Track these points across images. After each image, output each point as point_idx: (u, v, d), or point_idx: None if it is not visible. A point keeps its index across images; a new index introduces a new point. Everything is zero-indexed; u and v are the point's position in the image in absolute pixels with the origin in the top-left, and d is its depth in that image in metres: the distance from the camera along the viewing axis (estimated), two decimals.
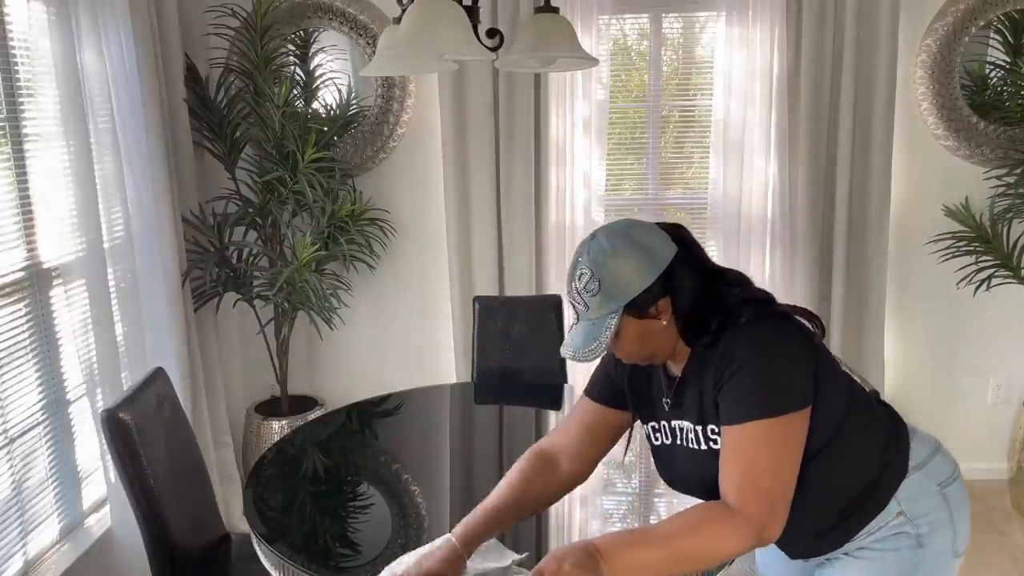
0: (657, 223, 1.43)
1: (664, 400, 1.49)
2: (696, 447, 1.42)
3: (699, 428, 1.41)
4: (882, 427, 1.45)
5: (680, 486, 1.52)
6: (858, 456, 1.41)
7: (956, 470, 1.48)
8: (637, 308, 1.35)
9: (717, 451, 1.36)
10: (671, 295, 1.36)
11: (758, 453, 1.29)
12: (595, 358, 1.37)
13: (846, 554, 1.46)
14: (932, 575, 1.43)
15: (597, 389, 1.59)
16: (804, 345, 1.36)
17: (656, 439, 1.53)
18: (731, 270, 1.45)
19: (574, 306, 1.41)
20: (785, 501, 1.30)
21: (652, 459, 1.57)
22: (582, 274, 1.38)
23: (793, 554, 1.52)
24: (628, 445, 1.64)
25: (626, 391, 1.55)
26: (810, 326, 1.40)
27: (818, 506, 1.40)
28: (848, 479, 1.40)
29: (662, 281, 1.35)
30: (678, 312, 1.37)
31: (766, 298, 1.40)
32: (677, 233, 1.42)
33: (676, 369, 1.46)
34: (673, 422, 1.48)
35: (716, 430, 1.37)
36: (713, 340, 1.36)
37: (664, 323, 1.37)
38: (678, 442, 1.47)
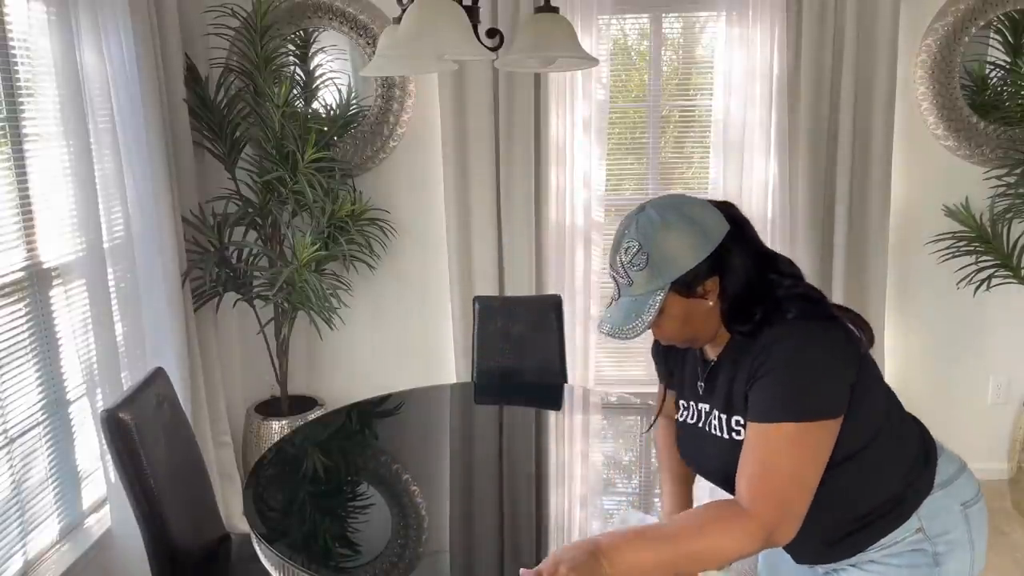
0: (708, 200, 1.37)
1: (698, 383, 1.46)
2: (719, 435, 1.39)
3: (724, 416, 1.38)
4: (913, 443, 1.42)
5: (699, 468, 1.50)
6: (884, 468, 1.37)
7: (979, 491, 1.44)
8: (685, 286, 1.30)
9: (739, 442, 1.33)
10: (720, 275, 1.31)
11: (779, 456, 1.25)
12: (635, 336, 1.32)
13: (853, 565, 1.42)
14: None
15: (662, 375, 1.64)
16: (848, 353, 1.30)
17: (682, 416, 1.52)
18: (784, 257, 1.39)
19: (616, 280, 1.37)
20: (802, 506, 1.26)
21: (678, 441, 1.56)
22: (629, 247, 1.33)
23: (800, 558, 1.49)
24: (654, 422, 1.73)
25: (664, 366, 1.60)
26: (858, 333, 1.33)
27: (835, 514, 1.37)
28: (871, 490, 1.37)
29: (713, 259, 1.30)
30: (725, 294, 1.32)
31: (818, 297, 1.34)
32: (729, 211, 1.36)
33: (712, 353, 1.43)
34: (701, 404, 1.45)
35: (741, 421, 1.34)
36: (754, 330, 1.31)
37: (710, 304, 1.32)
38: (701, 425, 1.44)
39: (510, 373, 2.90)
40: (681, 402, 1.53)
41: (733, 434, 1.36)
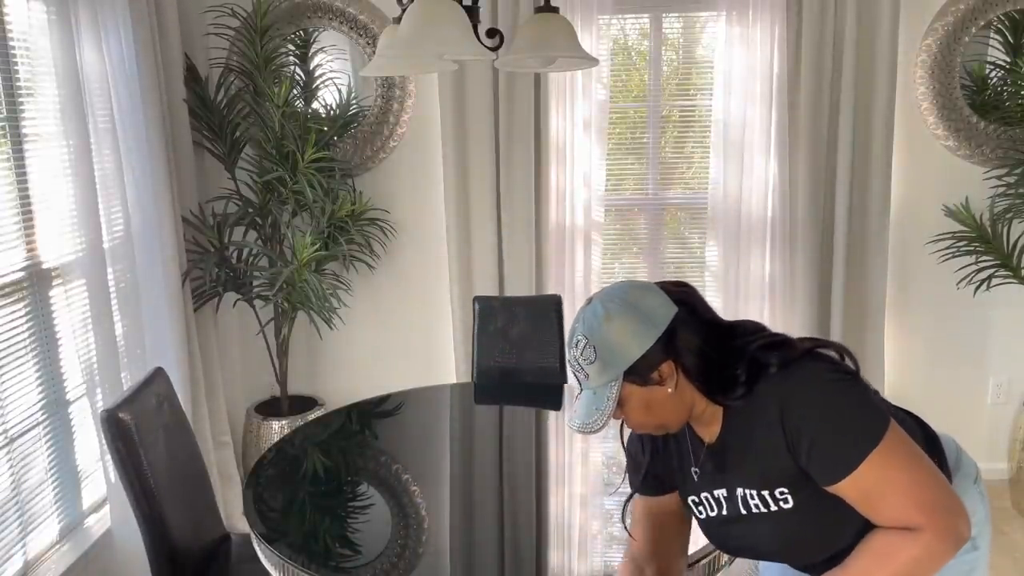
0: (659, 282, 1.35)
1: (693, 470, 1.41)
2: (767, 510, 1.32)
3: (764, 492, 1.31)
4: (917, 437, 1.37)
5: (756, 553, 1.42)
6: None
7: (975, 463, 1.47)
8: (637, 375, 1.28)
9: (787, 510, 1.29)
10: (675, 358, 1.29)
11: (888, 481, 1.21)
12: (600, 429, 1.29)
13: None
14: (983, 574, 1.42)
15: (639, 482, 1.50)
16: (842, 368, 1.28)
17: (701, 513, 1.43)
18: (744, 321, 1.36)
19: (576, 375, 1.34)
20: (951, 494, 1.23)
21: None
22: (578, 341, 1.31)
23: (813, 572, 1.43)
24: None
25: (660, 472, 1.47)
26: (836, 357, 1.31)
27: (858, 527, 1.30)
28: None
29: (663, 344, 1.27)
30: (689, 374, 1.29)
31: (783, 340, 1.31)
32: (680, 291, 1.34)
33: (708, 434, 1.37)
34: (716, 491, 1.38)
35: (785, 491, 1.29)
36: (747, 392, 1.27)
37: (669, 390, 1.29)
38: (735, 511, 1.36)
39: (510, 373, 2.90)
40: (690, 499, 1.44)
41: (781, 503, 1.31)
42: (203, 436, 3.07)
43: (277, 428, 3.39)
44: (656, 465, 1.47)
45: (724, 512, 1.38)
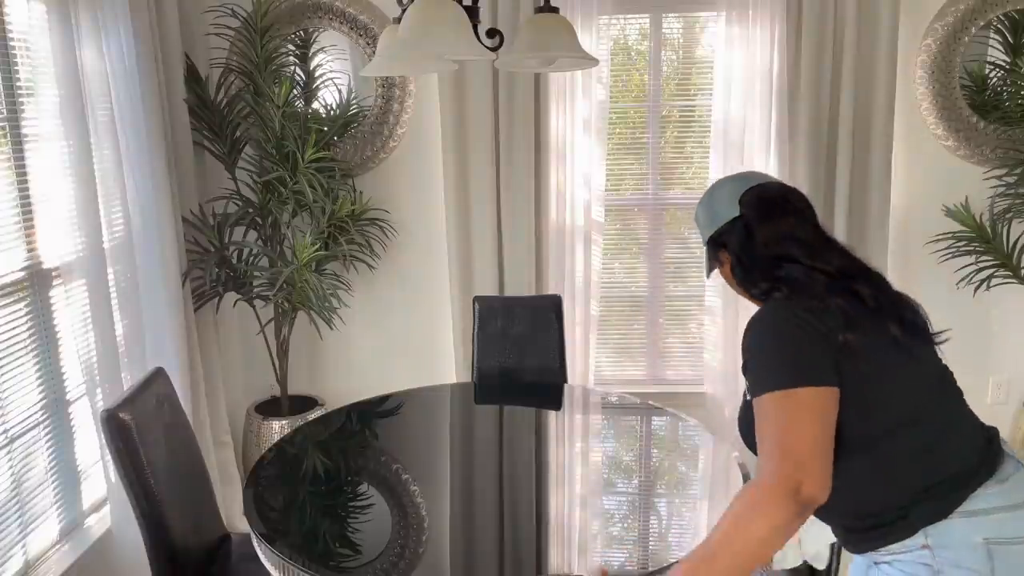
0: (772, 181, 1.56)
1: None
2: (745, 399, 1.50)
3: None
4: (943, 467, 1.34)
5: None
6: (894, 476, 1.34)
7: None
8: (711, 247, 1.58)
9: (747, 402, 1.45)
10: (730, 250, 1.54)
11: (768, 422, 1.33)
12: (705, 274, 1.64)
13: (875, 563, 1.41)
14: None
15: None
16: (805, 331, 1.34)
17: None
18: (819, 248, 1.48)
19: None
20: (816, 458, 1.27)
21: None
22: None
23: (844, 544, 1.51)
24: None
25: None
26: (855, 318, 1.37)
27: (840, 505, 1.36)
28: (873, 492, 1.36)
29: (714, 238, 1.56)
30: (733, 269, 1.55)
31: (806, 282, 1.42)
32: (768, 199, 1.52)
33: None
34: None
35: (747, 386, 1.46)
36: (761, 299, 1.49)
37: (727, 269, 1.57)
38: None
39: (510, 373, 2.90)
40: None
41: (746, 395, 1.47)
42: (203, 436, 3.07)
43: (277, 428, 3.39)
44: None
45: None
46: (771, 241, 1.48)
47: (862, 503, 1.38)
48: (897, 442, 1.34)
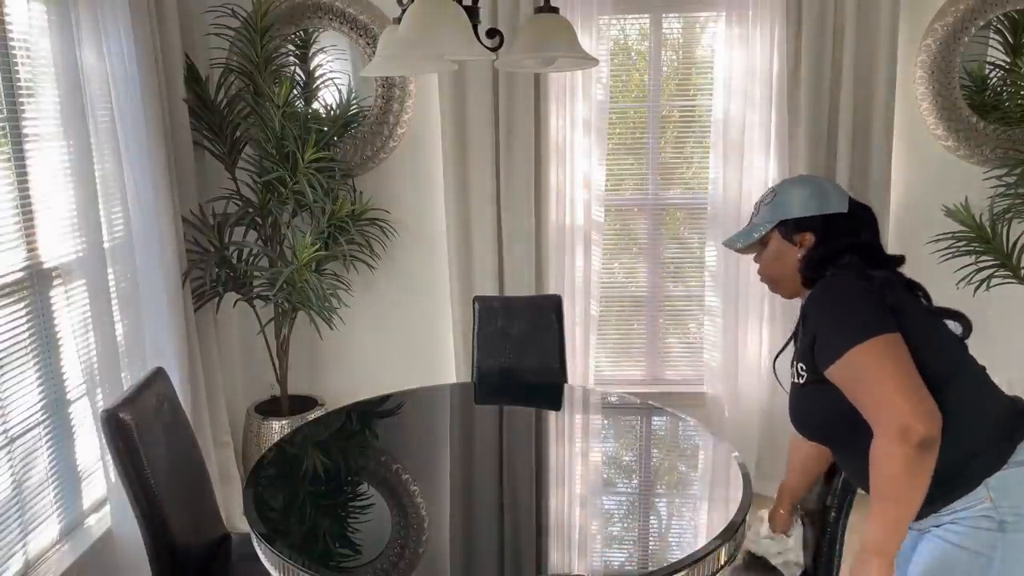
0: (852, 197, 1.69)
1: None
2: (795, 381, 1.63)
3: (799, 365, 1.61)
4: (991, 419, 1.50)
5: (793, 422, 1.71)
6: (949, 433, 1.43)
7: None
8: (787, 228, 1.67)
9: (799, 385, 1.60)
10: (818, 236, 1.64)
11: (863, 376, 1.43)
12: (736, 248, 1.76)
13: (926, 531, 1.53)
14: (1011, 561, 1.44)
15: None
16: (865, 289, 1.50)
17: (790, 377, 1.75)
18: (893, 264, 1.66)
19: (752, 216, 1.76)
20: (917, 394, 1.39)
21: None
22: (769, 191, 1.73)
23: None
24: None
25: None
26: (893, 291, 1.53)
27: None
28: (945, 447, 1.43)
29: (819, 220, 1.64)
30: (812, 251, 1.64)
31: (857, 268, 1.58)
32: (862, 211, 1.67)
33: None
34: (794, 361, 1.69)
35: (804, 367, 1.59)
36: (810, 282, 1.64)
37: (798, 256, 1.66)
38: (793, 379, 1.66)
39: (510, 373, 2.90)
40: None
41: (799, 379, 1.61)
42: (203, 436, 3.07)
43: (277, 428, 3.39)
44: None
45: (792, 379, 1.68)
46: (858, 240, 1.64)
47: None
48: (951, 393, 1.46)
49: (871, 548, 1.45)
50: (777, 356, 1.89)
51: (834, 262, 1.61)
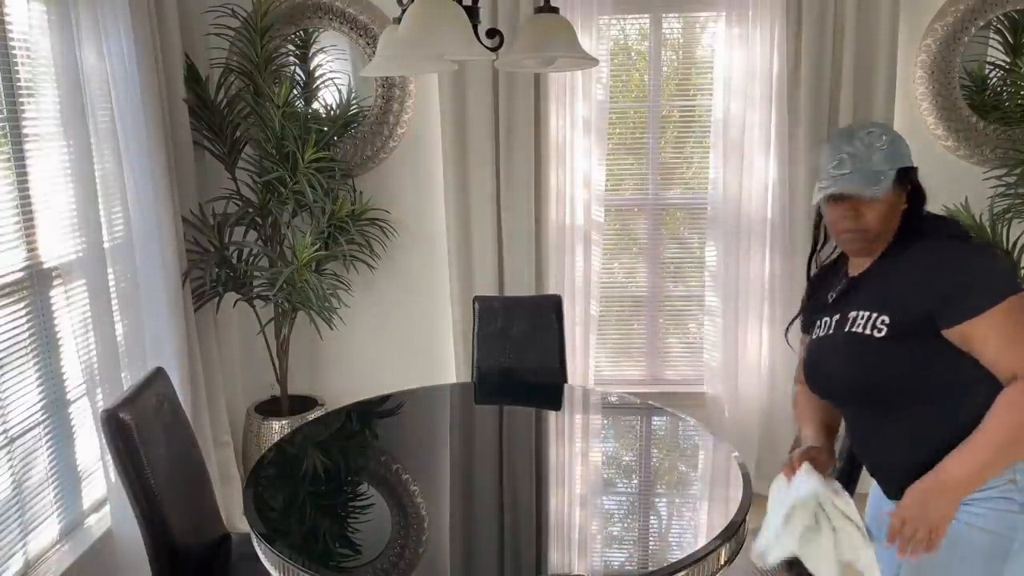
0: None
1: (830, 295, 1.71)
2: (859, 331, 1.58)
3: (873, 314, 1.57)
4: None
5: (823, 383, 1.70)
6: (982, 410, 1.47)
7: None
8: (905, 176, 1.58)
9: (879, 340, 1.54)
10: (914, 188, 1.60)
11: (1009, 330, 1.44)
12: (875, 197, 1.55)
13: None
14: None
15: (801, 316, 1.84)
16: (991, 247, 1.55)
17: (815, 332, 1.73)
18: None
19: (846, 157, 1.58)
20: None
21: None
22: (872, 131, 1.60)
23: (891, 492, 1.61)
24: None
25: (811, 312, 1.79)
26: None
27: (933, 438, 1.52)
28: (966, 427, 1.46)
29: (912, 173, 1.60)
30: (919, 203, 1.61)
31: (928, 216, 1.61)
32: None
33: (857, 268, 1.67)
34: (834, 316, 1.67)
35: (887, 321, 1.54)
36: (912, 235, 1.58)
37: (904, 206, 1.60)
38: (836, 331, 1.64)
39: (510, 373, 2.90)
40: (816, 320, 1.74)
41: (875, 332, 1.55)
42: (203, 436, 3.07)
43: (277, 428, 3.39)
44: (813, 299, 1.80)
45: (830, 331, 1.66)
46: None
47: (959, 436, 1.49)
48: (990, 375, 1.50)
49: (952, 484, 1.46)
50: (791, 323, 1.89)
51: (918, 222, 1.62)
